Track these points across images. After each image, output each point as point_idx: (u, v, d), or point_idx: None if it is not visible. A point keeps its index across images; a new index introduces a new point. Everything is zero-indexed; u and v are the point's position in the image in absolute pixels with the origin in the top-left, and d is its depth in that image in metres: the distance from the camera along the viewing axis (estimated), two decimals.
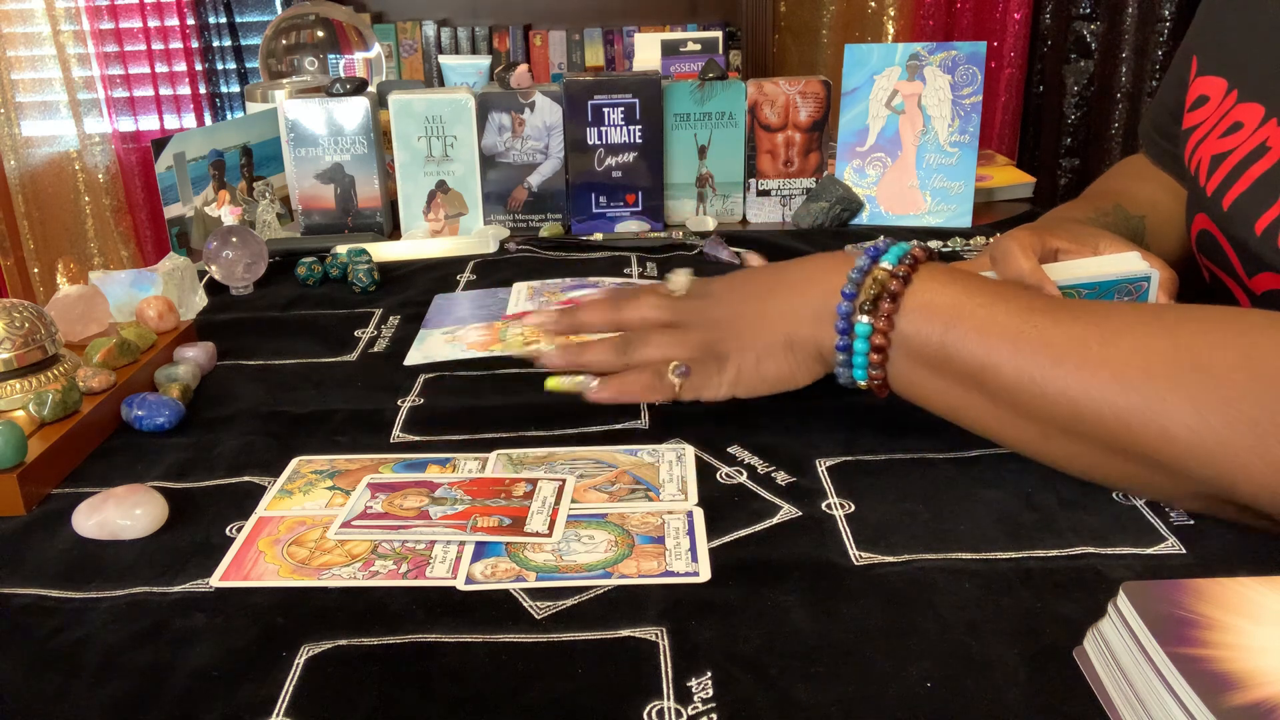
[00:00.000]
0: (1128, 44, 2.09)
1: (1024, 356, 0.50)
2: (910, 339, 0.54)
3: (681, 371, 0.60)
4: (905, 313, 0.54)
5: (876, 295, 0.54)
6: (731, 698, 0.41)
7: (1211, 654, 0.35)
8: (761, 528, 0.53)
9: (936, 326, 0.53)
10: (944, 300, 0.53)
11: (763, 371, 0.59)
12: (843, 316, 0.55)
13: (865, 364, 0.55)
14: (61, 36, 2.54)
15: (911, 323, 0.53)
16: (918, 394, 0.56)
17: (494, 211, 1.11)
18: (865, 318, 0.54)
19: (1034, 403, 0.51)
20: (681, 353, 0.61)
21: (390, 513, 0.55)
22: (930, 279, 0.54)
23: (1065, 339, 0.50)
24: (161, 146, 1.06)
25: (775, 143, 1.11)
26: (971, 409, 0.54)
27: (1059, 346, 0.50)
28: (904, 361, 0.55)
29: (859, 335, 0.55)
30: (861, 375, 0.56)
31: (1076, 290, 0.61)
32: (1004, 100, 2.28)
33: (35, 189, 2.61)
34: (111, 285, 0.83)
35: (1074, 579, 0.47)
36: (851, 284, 0.55)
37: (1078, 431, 0.50)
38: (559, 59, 2.54)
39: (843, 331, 0.55)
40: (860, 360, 0.55)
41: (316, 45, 1.68)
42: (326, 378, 0.75)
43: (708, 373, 0.60)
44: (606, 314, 0.66)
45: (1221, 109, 0.71)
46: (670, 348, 0.62)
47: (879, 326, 0.54)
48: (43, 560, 0.53)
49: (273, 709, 0.41)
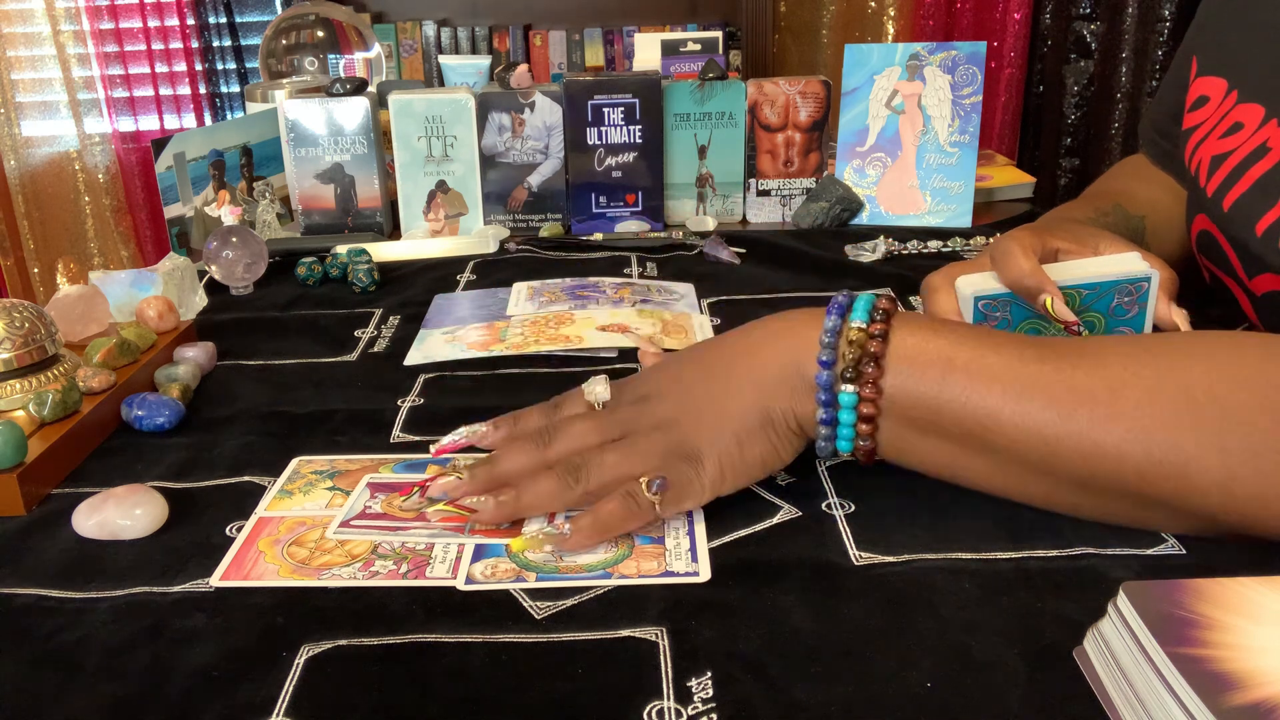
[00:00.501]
0: (1128, 44, 2.09)
1: (1028, 410, 0.47)
2: (899, 401, 0.50)
3: (659, 486, 0.51)
4: (891, 373, 0.49)
5: (857, 359, 0.49)
6: (731, 698, 0.41)
7: (1211, 654, 0.35)
8: (761, 528, 0.53)
9: (927, 384, 0.49)
10: (930, 354, 0.49)
11: (747, 457, 0.52)
12: (824, 388, 0.50)
13: (852, 435, 0.51)
14: (61, 36, 2.54)
15: (900, 383, 0.49)
16: (910, 458, 0.52)
17: (494, 211, 1.11)
18: (849, 387, 0.49)
19: (1043, 457, 0.48)
20: (642, 465, 0.52)
21: (389, 513, 0.55)
22: (910, 333, 0.50)
23: (1070, 388, 0.47)
24: (161, 146, 1.06)
25: (775, 143, 1.11)
26: (970, 467, 0.51)
27: (1065, 398, 0.47)
28: (894, 426, 0.50)
29: (844, 406, 0.50)
30: (847, 446, 0.51)
31: (1076, 290, 0.61)
32: (1004, 100, 2.28)
33: (35, 189, 2.61)
34: (111, 285, 0.83)
35: (1074, 579, 0.47)
36: (826, 349, 0.50)
37: (1091, 484, 0.48)
38: (559, 59, 2.54)
39: (826, 404, 0.50)
40: (846, 431, 0.51)
41: (316, 45, 1.68)
42: (326, 378, 0.75)
43: (685, 478, 0.51)
44: (531, 455, 0.54)
45: (1221, 109, 0.71)
46: (628, 463, 0.52)
47: (865, 395, 0.49)
48: (43, 560, 0.53)
49: (273, 709, 0.41)
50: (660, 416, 0.53)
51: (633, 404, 0.55)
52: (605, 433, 0.54)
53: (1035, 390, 0.47)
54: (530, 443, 0.55)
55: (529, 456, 0.54)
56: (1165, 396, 0.46)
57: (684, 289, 0.91)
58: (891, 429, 0.51)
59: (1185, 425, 0.45)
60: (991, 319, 0.63)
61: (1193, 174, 0.73)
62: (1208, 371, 0.46)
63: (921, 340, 0.50)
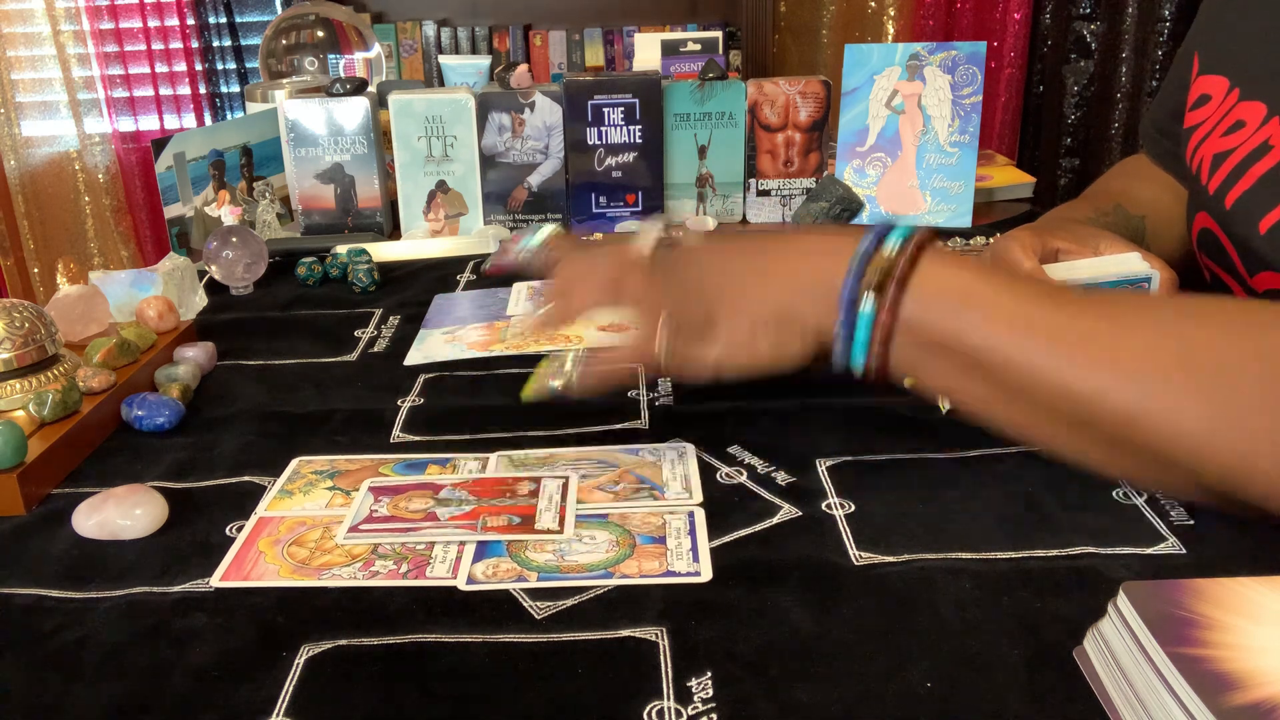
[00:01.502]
0: (1128, 44, 2.09)
1: (1035, 347, 0.49)
2: (916, 323, 0.52)
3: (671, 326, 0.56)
4: (912, 296, 0.52)
5: (883, 277, 0.52)
6: (731, 698, 0.41)
7: (1211, 654, 0.35)
8: (762, 528, 0.53)
9: (945, 311, 0.51)
10: (952, 284, 0.52)
11: (756, 345, 0.55)
12: (847, 297, 0.52)
13: (866, 347, 0.53)
14: (61, 36, 2.53)
15: (918, 306, 0.52)
16: (916, 374, 0.54)
17: (494, 211, 1.11)
18: (871, 299, 0.52)
19: (1042, 393, 0.50)
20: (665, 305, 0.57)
21: (397, 515, 0.55)
22: (938, 263, 0.53)
23: (1078, 332, 0.49)
24: (161, 146, 1.06)
25: (775, 143, 1.11)
26: (971, 393, 0.53)
27: (1071, 339, 0.49)
28: (907, 345, 0.53)
29: (863, 317, 0.52)
30: (860, 358, 0.53)
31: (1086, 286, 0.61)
32: (1004, 100, 2.28)
33: (35, 189, 2.61)
34: (111, 285, 0.83)
35: (1074, 579, 0.47)
36: (858, 264, 0.52)
37: (1085, 424, 0.49)
38: (559, 59, 2.54)
39: (846, 311, 0.53)
40: (861, 343, 0.53)
41: (316, 45, 1.68)
42: (326, 378, 0.75)
43: (693, 341, 0.56)
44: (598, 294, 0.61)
45: (1223, 108, 0.71)
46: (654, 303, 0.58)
47: (885, 308, 0.52)
48: (43, 560, 0.53)
49: (273, 709, 0.41)
50: (693, 280, 0.57)
51: (682, 265, 0.59)
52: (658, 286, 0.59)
53: (1048, 333, 0.49)
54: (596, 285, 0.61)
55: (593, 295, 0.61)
56: (1167, 349, 0.47)
57: None
58: (904, 348, 0.53)
59: (1181, 376, 0.46)
60: None
61: (1194, 172, 0.73)
62: (1213, 331, 0.47)
63: (947, 271, 0.52)
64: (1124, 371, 0.47)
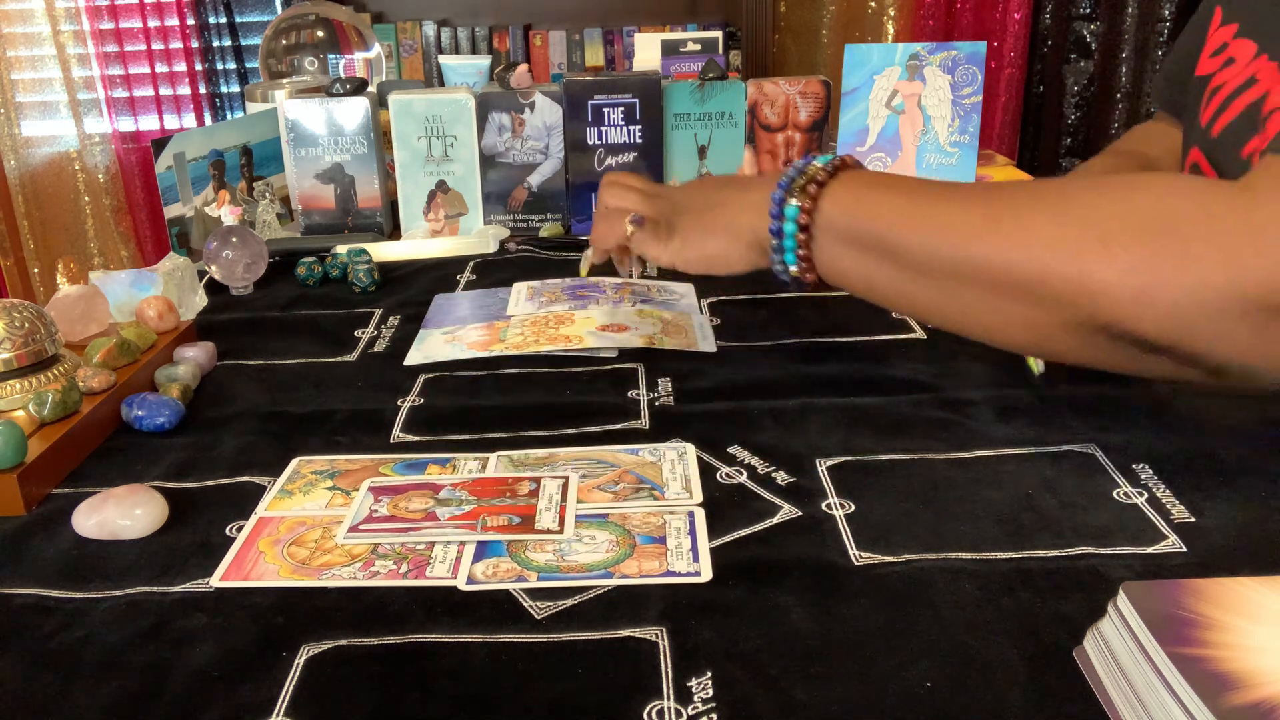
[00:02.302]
0: (1128, 44, 2.09)
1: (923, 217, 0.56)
2: (831, 217, 0.60)
3: (635, 220, 0.70)
4: (828, 195, 0.60)
5: (805, 183, 0.61)
6: (731, 698, 0.41)
7: (1211, 654, 0.35)
8: (762, 528, 0.53)
9: (851, 202, 0.59)
10: (861, 183, 0.60)
11: (704, 247, 0.67)
12: (776, 202, 0.61)
13: (794, 245, 0.61)
14: (61, 36, 2.53)
15: (832, 202, 0.60)
16: (837, 272, 0.61)
17: (494, 211, 1.11)
18: (794, 200, 0.60)
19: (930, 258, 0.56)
20: (639, 208, 0.71)
21: (397, 515, 0.55)
22: (854, 171, 0.62)
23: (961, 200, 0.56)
24: (161, 146, 1.06)
25: (775, 143, 1.11)
26: (882, 278, 0.59)
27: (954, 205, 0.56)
28: (826, 240, 0.60)
29: (788, 218, 0.61)
30: (791, 259, 0.61)
31: None
32: (1004, 100, 2.28)
33: (35, 189, 2.61)
34: (111, 285, 0.83)
35: (1074, 579, 0.47)
36: (787, 178, 0.62)
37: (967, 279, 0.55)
38: (559, 59, 2.54)
39: (775, 216, 0.61)
40: (790, 244, 0.61)
41: (316, 45, 1.68)
42: (326, 378, 0.75)
43: (658, 235, 0.70)
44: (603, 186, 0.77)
45: (1228, 51, 0.75)
46: (632, 201, 0.72)
47: (804, 207, 0.60)
48: (43, 560, 0.53)
49: (273, 709, 0.41)
50: (672, 196, 0.73)
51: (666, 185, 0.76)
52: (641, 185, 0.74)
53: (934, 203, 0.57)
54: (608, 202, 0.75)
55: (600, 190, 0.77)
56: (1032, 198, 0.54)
57: (684, 289, 0.91)
58: (824, 243, 0.61)
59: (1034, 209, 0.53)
60: None
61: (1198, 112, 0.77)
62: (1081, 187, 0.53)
63: (861, 175, 0.62)
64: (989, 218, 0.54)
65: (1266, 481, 0.54)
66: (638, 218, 0.70)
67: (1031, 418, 0.63)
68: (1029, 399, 0.65)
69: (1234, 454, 0.57)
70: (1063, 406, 0.64)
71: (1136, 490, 0.55)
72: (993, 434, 0.61)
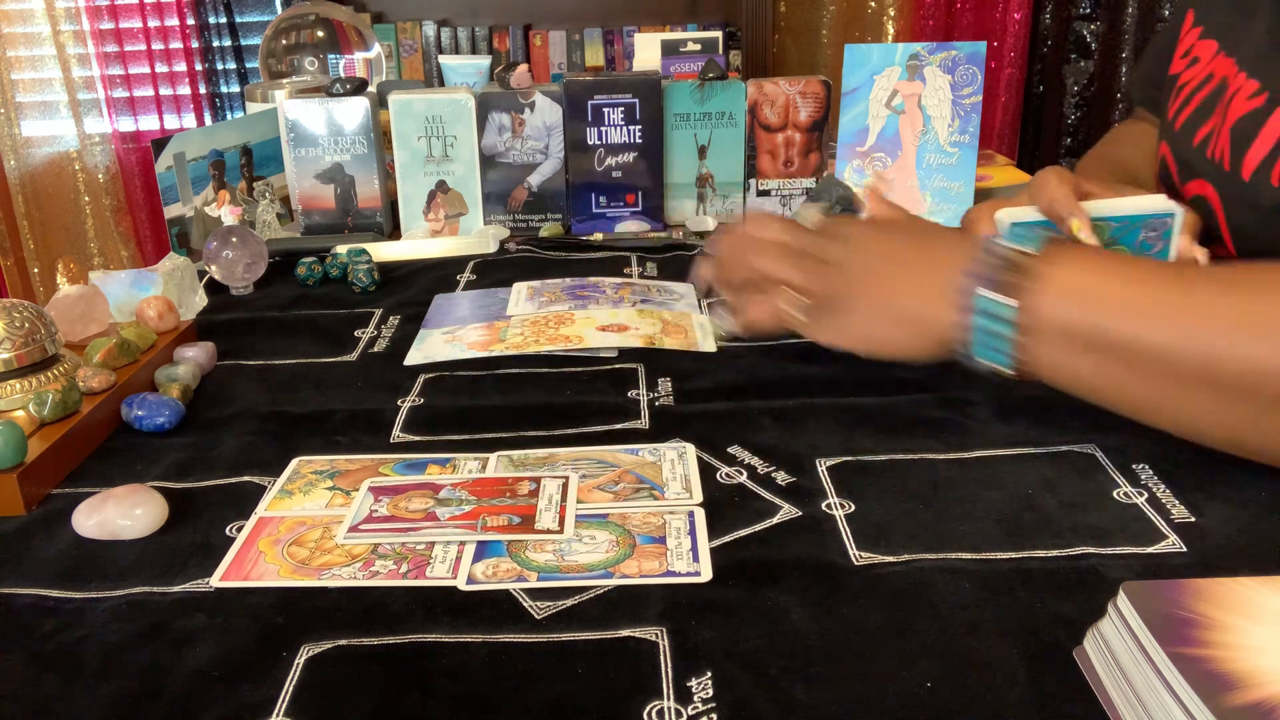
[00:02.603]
0: (1128, 44, 2.09)
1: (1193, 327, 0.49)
2: (1057, 320, 0.51)
3: (799, 304, 0.61)
4: (1048, 288, 0.51)
5: (1011, 272, 0.52)
6: (731, 698, 0.41)
7: (1211, 654, 0.35)
8: (762, 528, 0.53)
9: (1087, 305, 0.51)
10: (1091, 279, 0.51)
11: (883, 338, 0.59)
12: (978, 298, 0.53)
13: (1009, 348, 0.53)
14: (61, 36, 2.53)
15: (1058, 304, 0.51)
16: (1063, 376, 0.54)
17: (494, 211, 1.11)
18: (1001, 296, 0.52)
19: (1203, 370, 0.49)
20: (798, 280, 0.61)
21: (397, 515, 0.55)
22: (1070, 257, 0.52)
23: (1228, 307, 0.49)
24: (161, 146, 1.06)
25: (775, 143, 1.11)
26: (1128, 386, 0.52)
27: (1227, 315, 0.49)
28: (1050, 344, 0.52)
29: (998, 318, 0.52)
30: (1002, 359, 0.53)
31: (1106, 223, 0.67)
32: (1004, 100, 2.28)
33: (35, 189, 2.61)
34: (111, 285, 0.83)
35: (1074, 579, 0.47)
36: (986, 265, 0.53)
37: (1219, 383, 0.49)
38: (559, 59, 2.54)
39: (976, 313, 0.53)
40: (1002, 344, 0.53)
41: (316, 45, 1.68)
42: (326, 378, 0.75)
43: (824, 315, 0.60)
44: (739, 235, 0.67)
45: (1194, 52, 0.79)
46: (789, 270, 0.62)
47: (1024, 307, 0.51)
48: (43, 560, 0.53)
49: (273, 709, 0.41)
50: (840, 260, 0.60)
51: (833, 239, 0.62)
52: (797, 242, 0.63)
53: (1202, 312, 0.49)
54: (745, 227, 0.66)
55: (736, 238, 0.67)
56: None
57: (684, 289, 0.91)
58: (1047, 349, 0.52)
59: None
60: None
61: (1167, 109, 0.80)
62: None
63: (1082, 264, 0.52)
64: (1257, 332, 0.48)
65: (1266, 481, 0.54)
66: (802, 301, 0.60)
67: (1031, 418, 0.63)
68: (1029, 399, 0.65)
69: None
70: (1063, 407, 0.64)
71: (1136, 490, 0.55)
72: (993, 434, 0.61)
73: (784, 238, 0.63)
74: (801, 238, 0.63)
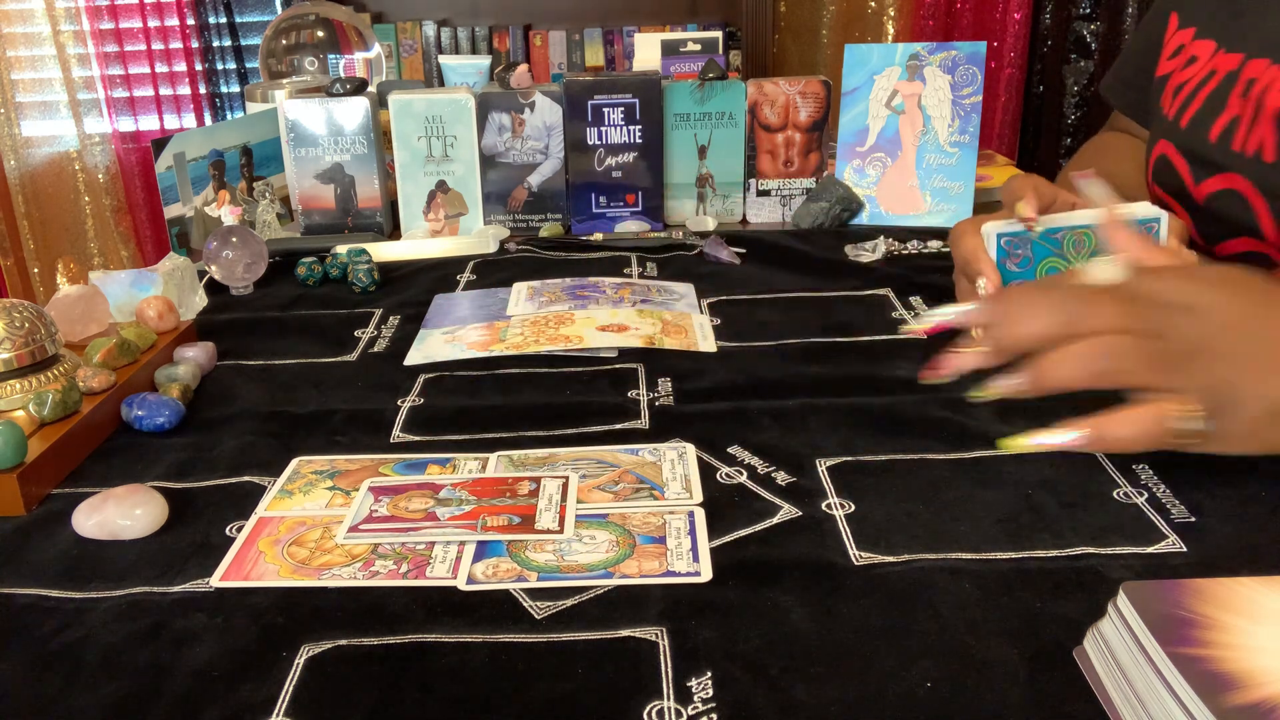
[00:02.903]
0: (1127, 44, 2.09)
1: None
2: None
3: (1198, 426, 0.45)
4: None
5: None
6: (731, 698, 0.41)
7: (1211, 654, 0.35)
8: (762, 528, 0.53)
9: None
10: None
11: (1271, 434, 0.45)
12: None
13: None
14: (61, 36, 2.53)
15: None
16: None
17: (494, 211, 1.11)
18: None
19: None
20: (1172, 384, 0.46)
21: (397, 515, 0.55)
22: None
23: None
24: (161, 146, 1.06)
25: (775, 143, 1.11)
26: None
27: None
28: None
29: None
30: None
31: (1092, 230, 0.67)
32: (1004, 100, 2.28)
33: (35, 189, 2.61)
34: (111, 285, 0.83)
35: (1074, 579, 0.47)
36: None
37: None
38: (559, 59, 2.54)
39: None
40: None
41: (316, 45, 1.68)
42: (326, 378, 0.75)
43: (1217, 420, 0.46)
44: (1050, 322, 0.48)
45: (1188, 51, 0.81)
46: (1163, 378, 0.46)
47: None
48: (43, 560, 0.53)
49: (273, 709, 0.41)
50: (1198, 336, 0.45)
51: (1164, 307, 0.46)
52: (1135, 324, 0.46)
53: None
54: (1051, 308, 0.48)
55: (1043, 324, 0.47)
56: None
57: (684, 289, 0.91)
58: None
59: None
60: (1013, 255, 0.68)
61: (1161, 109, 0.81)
62: None
63: None
64: None
65: (1267, 482, 0.54)
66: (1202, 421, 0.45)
67: (1031, 418, 0.63)
68: (1029, 399, 0.65)
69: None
70: (1063, 407, 0.64)
71: (1136, 490, 0.55)
72: (993, 434, 0.61)
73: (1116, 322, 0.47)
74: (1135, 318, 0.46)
